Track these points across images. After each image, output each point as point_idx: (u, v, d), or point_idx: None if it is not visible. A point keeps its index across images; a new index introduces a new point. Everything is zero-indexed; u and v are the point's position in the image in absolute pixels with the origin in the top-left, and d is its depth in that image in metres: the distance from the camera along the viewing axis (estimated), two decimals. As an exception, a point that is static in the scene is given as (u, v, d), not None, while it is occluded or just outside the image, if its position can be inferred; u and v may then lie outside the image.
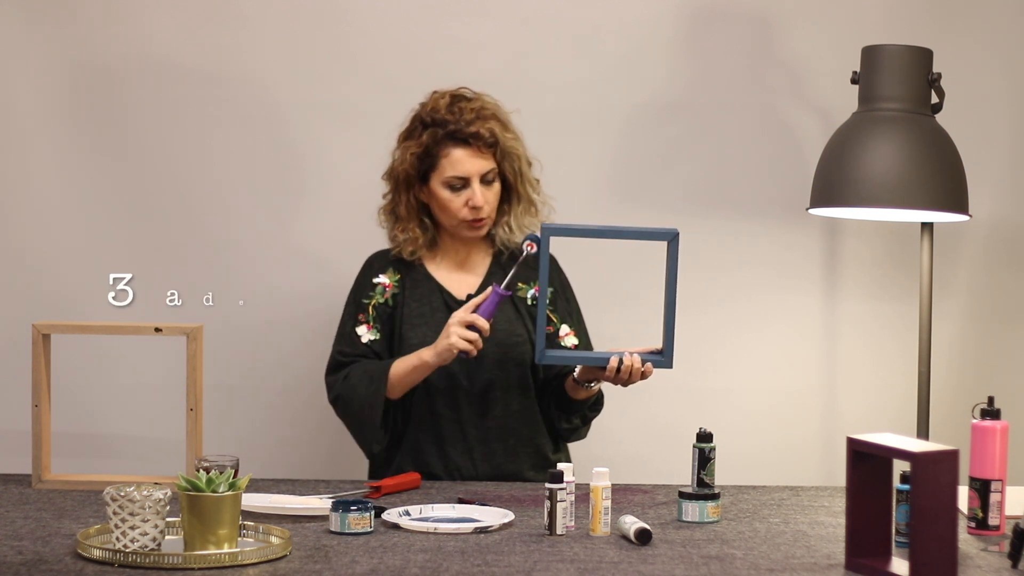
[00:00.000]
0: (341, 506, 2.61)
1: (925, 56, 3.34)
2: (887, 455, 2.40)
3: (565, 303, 3.29)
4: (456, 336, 3.03)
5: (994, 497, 2.67)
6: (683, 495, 2.78)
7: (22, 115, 3.70)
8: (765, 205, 3.79)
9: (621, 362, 3.01)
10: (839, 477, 3.15)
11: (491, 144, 3.17)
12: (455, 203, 3.17)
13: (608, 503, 2.64)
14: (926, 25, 3.71)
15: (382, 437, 3.17)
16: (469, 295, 3.22)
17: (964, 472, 2.57)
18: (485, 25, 3.74)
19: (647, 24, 3.76)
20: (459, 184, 3.17)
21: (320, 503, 2.77)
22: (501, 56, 3.72)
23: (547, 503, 2.62)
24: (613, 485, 2.76)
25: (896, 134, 3.29)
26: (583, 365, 3.10)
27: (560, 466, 2.64)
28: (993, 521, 2.67)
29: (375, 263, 3.28)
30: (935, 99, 3.37)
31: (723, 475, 3.02)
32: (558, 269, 3.32)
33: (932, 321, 3.54)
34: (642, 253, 3.24)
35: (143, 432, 3.73)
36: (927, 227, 3.50)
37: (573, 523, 2.67)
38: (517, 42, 3.74)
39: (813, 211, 3.43)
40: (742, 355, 3.82)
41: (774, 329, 3.82)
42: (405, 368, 3.12)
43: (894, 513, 2.52)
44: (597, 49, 3.76)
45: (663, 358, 3.02)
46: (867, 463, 2.43)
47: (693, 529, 2.71)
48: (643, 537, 2.57)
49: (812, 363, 3.83)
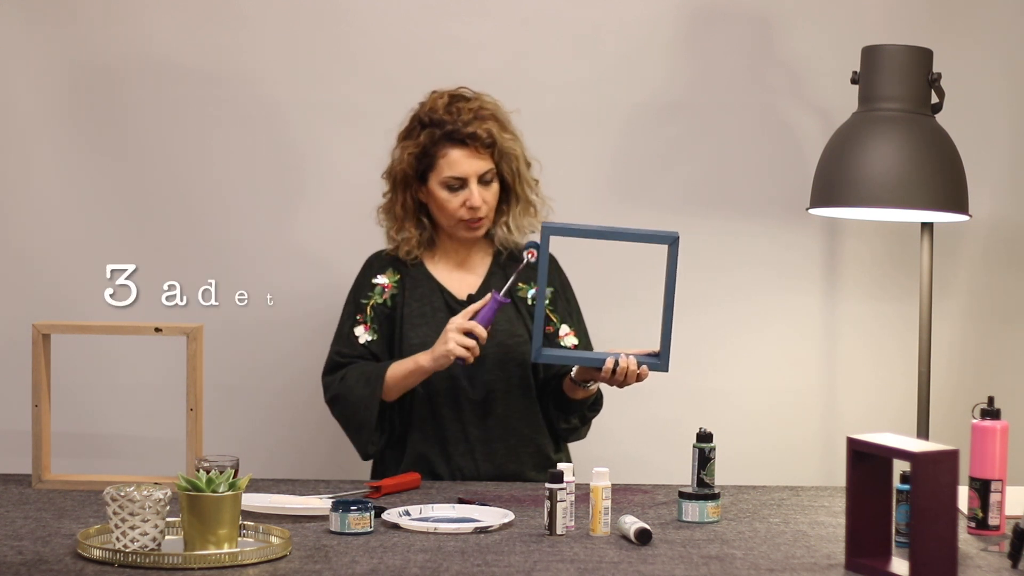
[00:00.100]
0: (341, 506, 2.61)
1: (925, 56, 3.34)
2: (887, 455, 2.40)
3: (565, 303, 3.29)
4: (454, 343, 3.03)
5: (994, 497, 2.67)
6: (683, 495, 2.78)
7: (22, 115, 3.70)
8: (765, 205, 3.79)
9: (617, 363, 3.01)
10: (839, 477, 3.15)
11: (489, 145, 3.17)
12: (453, 203, 3.17)
13: (608, 503, 2.64)
14: (926, 25, 3.71)
15: (377, 439, 3.17)
16: (470, 295, 3.22)
17: (964, 472, 2.57)
18: (485, 25, 3.74)
19: (647, 24, 3.76)
20: (457, 184, 3.17)
21: (320, 503, 2.77)
22: (501, 56, 3.72)
23: (547, 503, 2.62)
24: (613, 485, 2.76)
25: (896, 134, 3.28)
26: (580, 365, 3.10)
27: (560, 466, 2.64)
28: (993, 521, 2.67)
29: (374, 263, 3.28)
30: (935, 99, 3.37)
31: (723, 475, 3.02)
32: (558, 269, 3.32)
33: (932, 321, 3.54)
34: (641, 254, 3.24)
35: (143, 432, 3.73)
36: (927, 227, 3.50)
37: (573, 523, 2.67)
38: (517, 42, 3.74)
39: (813, 211, 3.43)
40: (742, 355, 3.82)
41: (774, 329, 3.82)
42: (402, 371, 3.12)
43: (894, 513, 2.52)
44: (597, 49, 3.76)
45: (659, 361, 3.02)
46: (867, 463, 2.43)
47: (693, 529, 2.71)
48: (643, 537, 2.57)
49: (812, 363, 3.83)
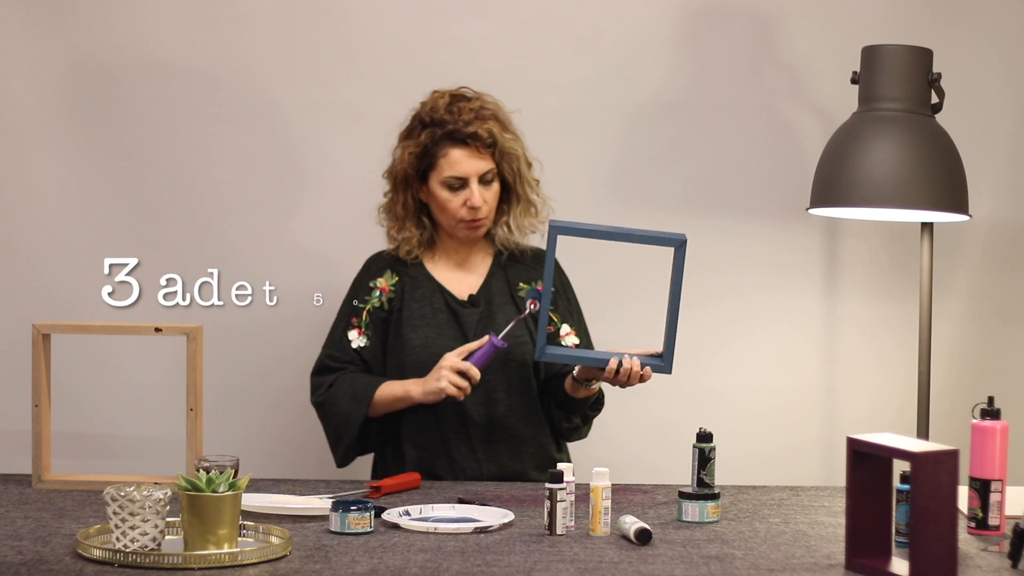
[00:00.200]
0: (341, 506, 2.61)
1: (925, 56, 3.34)
2: (887, 455, 2.40)
3: (566, 303, 3.29)
4: (446, 381, 3.05)
5: (994, 497, 2.67)
6: (683, 495, 2.78)
7: (22, 114, 3.70)
8: (765, 205, 3.79)
9: (620, 364, 3.01)
10: (839, 477, 3.16)
11: (489, 144, 3.17)
12: (453, 203, 3.17)
13: (608, 503, 2.64)
14: (926, 25, 3.71)
15: (351, 456, 3.21)
16: (471, 295, 3.22)
17: (964, 472, 2.57)
18: (485, 25, 3.74)
19: (647, 24, 3.76)
20: (457, 184, 3.17)
21: (320, 503, 2.77)
22: (501, 56, 3.72)
23: (547, 503, 2.62)
24: (613, 485, 2.76)
25: (896, 134, 3.28)
26: (583, 365, 3.10)
27: (560, 466, 2.64)
28: (993, 521, 2.67)
29: (373, 265, 3.28)
30: (935, 99, 3.37)
31: (723, 475, 3.02)
32: (559, 268, 3.32)
33: (932, 321, 3.54)
34: (645, 255, 3.24)
35: (143, 432, 3.74)
36: (927, 227, 3.50)
37: (573, 523, 2.67)
38: (517, 42, 3.75)
39: (813, 211, 3.43)
40: (742, 355, 3.82)
41: (774, 329, 3.82)
42: (390, 396, 3.14)
43: (894, 513, 2.52)
44: (597, 49, 3.76)
45: (663, 363, 3.01)
46: (867, 463, 2.43)
47: (693, 529, 2.71)
48: (643, 537, 2.57)
49: (812, 363, 3.83)
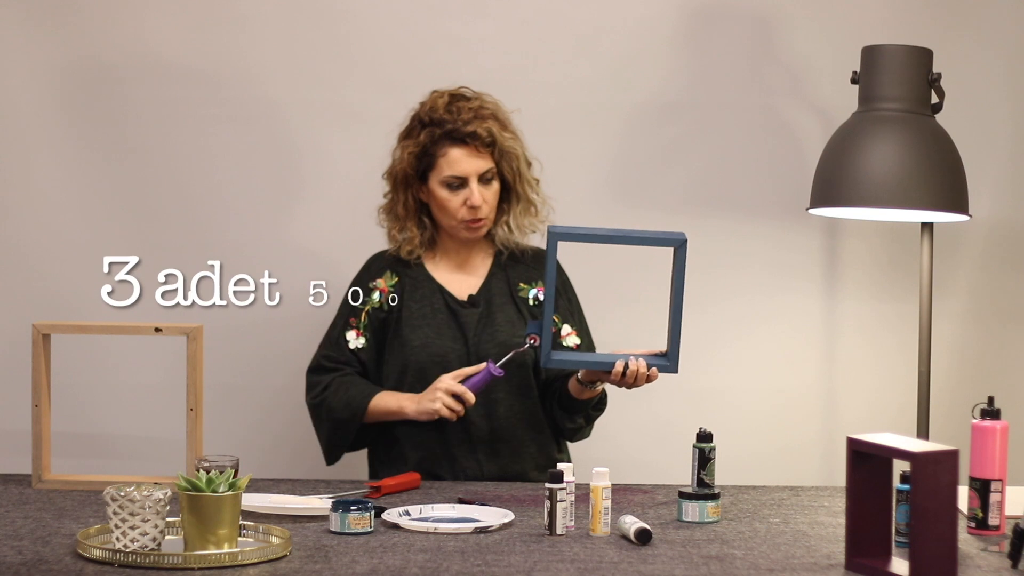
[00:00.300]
0: (341, 506, 2.61)
1: (925, 56, 3.34)
2: (887, 455, 2.40)
3: (567, 303, 3.29)
4: (441, 403, 3.06)
5: (994, 497, 2.67)
6: (683, 495, 2.78)
7: (22, 114, 3.70)
8: (765, 205, 3.79)
9: (627, 366, 3.00)
10: (839, 477, 3.15)
11: (489, 144, 3.17)
12: (453, 203, 3.17)
13: (608, 503, 2.64)
14: (926, 25, 3.71)
15: (340, 458, 3.24)
16: (470, 295, 3.22)
17: (964, 472, 2.57)
18: (485, 25, 3.74)
19: (647, 24, 3.76)
20: (457, 184, 3.17)
21: (320, 503, 2.77)
22: (501, 56, 3.72)
23: (547, 503, 2.62)
24: (613, 485, 2.76)
25: (896, 134, 3.29)
26: (588, 369, 3.10)
27: (560, 466, 2.64)
28: (993, 521, 2.67)
29: (373, 266, 3.28)
30: (935, 99, 3.37)
31: (723, 475, 3.02)
32: (559, 268, 3.31)
33: (932, 321, 3.54)
34: (646, 255, 3.24)
35: (143, 432, 3.74)
36: (927, 227, 3.50)
37: (573, 523, 2.67)
38: (517, 42, 3.75)
39: (813, 211, 3.43)
40: (742, 355, 3.82)
41: (774, 329, 3.82)
42: (384, 408, 3.15)
43: (894, 513, 2.52)
44: (597, 49, 3.76)
45: (668, 362, 3.01)
46: (867, 463, 2.43)
47: (693, 529, 2.71)
48: (643, 537, 2.57)
49: (812, 363, 3.83)
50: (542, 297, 3.23)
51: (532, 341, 3.02)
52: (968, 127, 3.60)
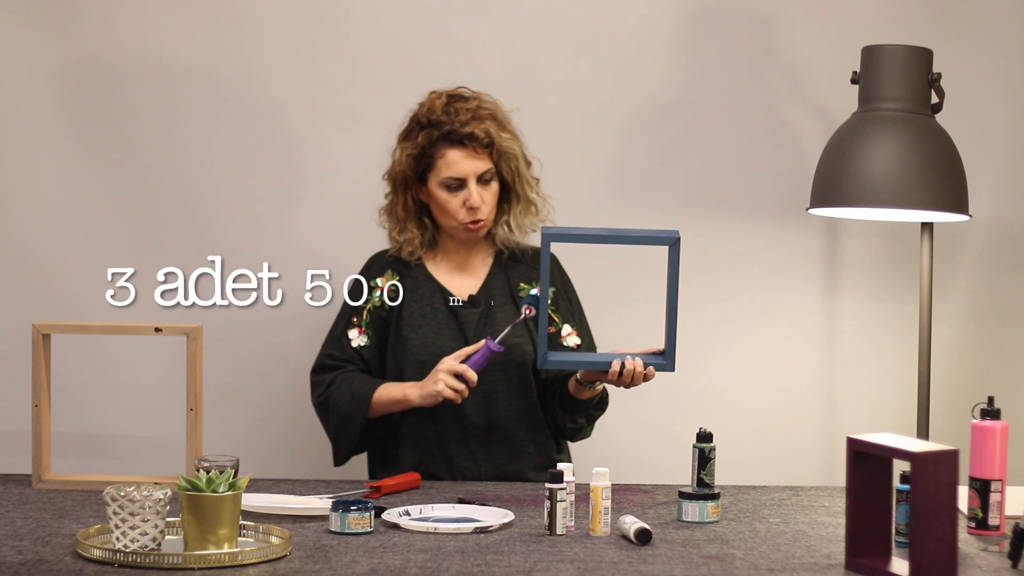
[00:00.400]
0: (341, 506, 2.61)
1: (925, 56, 3.34)
2: (887, 455, 2.40)
3: (567, 303, 3.29)
4: (443, 384, 3.05)
5: (994, 497, 2.67)
6: (683, 495, 2.78)
7: (22, 115, 3.70)
8: (765, 205, 3.79)
9: (624, 366, 3.01)
10: (839, 477, 3.15)
11: (487, 145, 3.17)
12: (452, 204, 3.17)
13: (608, 503, 2.64)
14: (926, 25, 3.71)
15: (350, 455, 3.22)
16: (471, 295, 3.22)
17: (964, 472, 2.57)
18: (485, 25, 3.74)
19: (647, 24, 3.76)
20: (455, 185, 3.17)
21: (320, 503, 2.77)
22: (501, 56, 3.72)
23: (547, 503, 2.62)
24: (613, 485, 2.76)
25: (896, 134, 3.28)
26: (585, 369, 3.10)
27: (560, 466, 2.64)
28: (993, 521, 2.67)
29: (374, 265, 3.28)
30: (935, 99, 3.37)
31: (723, 475, 3.02)
32: (560, 268, 3.32)
33: (932, 321, 3.54)
34: (644, 254, 3.24)
35: (143, 432, 3.74)
36: (927, 227, 3.50)
37: (573, 523, 2.67)
38: (517, 42, 3.75)
39: (813, 211, 3.43)
40: (742, 355, 3.82)
41: (774, 329, 3.82)
42: (388, 398, 3.14)
43: (894, 513, 2.52)
44: (597, 49, 3.76)
45: (665, 361, 3.02)
46: (867, 463, 2.43)
47: (693, 529, 2.71)
48: (643, 537, 2.57)
49: (812, 363, 3.83)
50: (542, 297, 3.23)
51: (528, 311, 3.02)
52: (968, 127, 3.60)
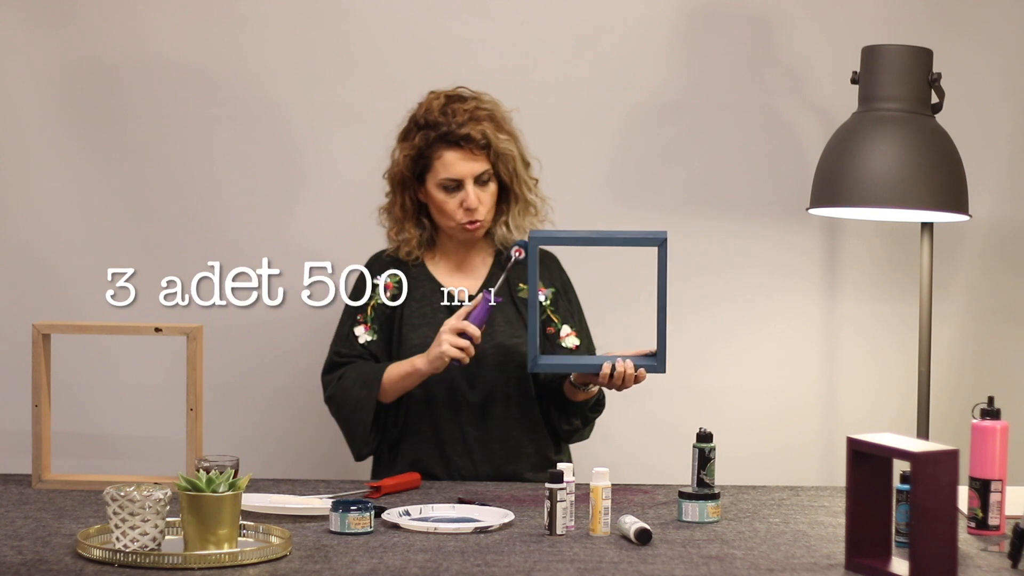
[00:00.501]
0: (341, 506, 2.61)
1: (925, 56, 3.34)
2: (887, 455, 2.40)
3: (567, 304, 3.29)
4: (447, 344, 3.04)
5: (994, 497, 2.67)
6: (683, 495, 2.78)
7: (22, 115, 3.70)
8: (765, 205, 3.79)
9: (614, 368, 3.00)
10: (839, 477, 3.15)
11: (484, 146, 3.16)
12: (450, 204, 3.17)
13: (608, 503, 2.64)
14: (926, 25, 3.71)
15: (371, 440, 3.18)
16: (471, 296, 3.22)
17: (964, 472, 2.57)
18: (485, 25, 3.74)
19: (647, 24, 3.76)
20: (452, 186, 3.17)
21: (320, 503, 2.78)
22: (501, 56, 3.72)
23: (547, 503, 2.62)
24: (613, 485, 2.76)
25: (896, 134, 3.28)
26: (576, 372, 3.10)
27: (560, 466, 2.64)
28: (993, 521, 2.67)
29: (373, 265, 3.28)
30: (935, 99, 3.37)
31: (723, 475, 3.02)
32: (560, 269, 3.32)
33: (932, 321, 3.53)
34: (643, 254, 3.24)
35: (143, 432, 3.74)
36: (927, 227, 3.50)
37: (573, 523, 2.67)
38: (517, 42, 3.75)
39: (813, 211, 3.43)
40: (742, 355, 3.82)
41: (774, 329, 3.82)
42: (398, 374, 3.13)
43: (894, 513, 2.52)
44: (597, 49, 3.76)
45: (656, 363, 3.01)
46: (867, 463, 2.43)
47: (693, 529, 2.71)
48: (643, 537, 2.57)
49: (812, 363, 3.83)
50: (541, 297, 3.23)
51: (518, 254, 3.02)
52: (968, 127, 3.60)
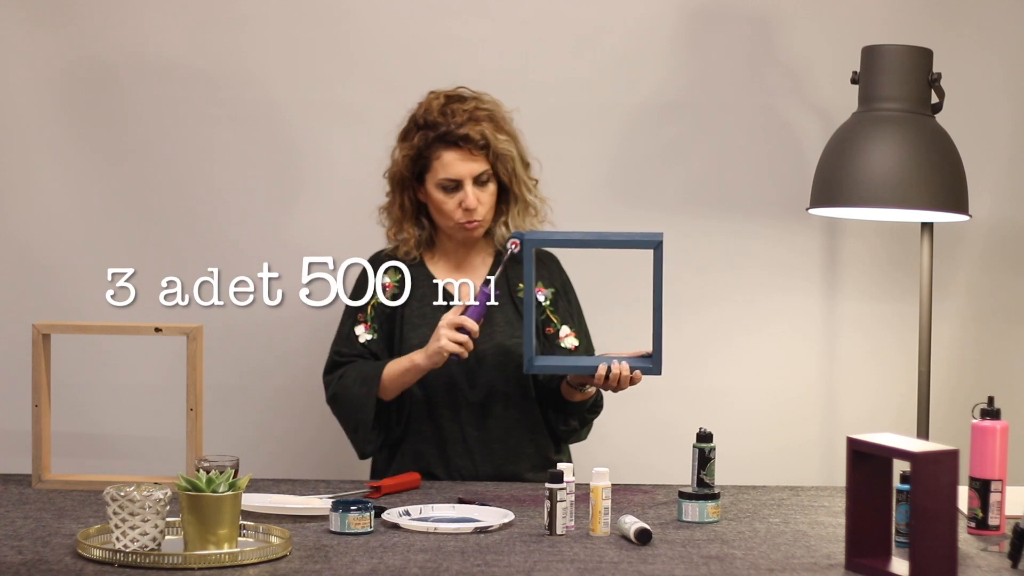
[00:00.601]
0: (341, 506, 2.61)
1: (925, 56, 3.34)
2: (887, 455, 2.40)
3: (566, 304, 3.29)
4: (446, 339, 3.04)
5: (994, 497, 2.67)
6: (683, 495, 2.78)
7: (22, 115, 3.70)
8: (765, 205, 3.79)
9: (610, 370, 3.00)
10: (839, 477, 3.15)
11: (483, 147, 3.16)
12: (449, 205, 3.17)
13: (608, 503, 2.64)
14: (926, 25, 3.71)
15: (374, 438, 3.18)
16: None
17: (964, 472, 2.57)
18: (485, 25, 3.74)
19: (647, 24, 3.76)
20: (451, 186, 3.17)
21: (320, 503, 2.78)
22: (501, 56, 3.72)
23: (547, 503, 2.62)
24: (613, 485, 2.76)
25: (896, 134, 3.28)
26: (572, 374, 3.10)
27: (560, 466, 2.64)
28: (993, 521, 2.67)
29: (375, 264, 3.28)
30: (935, 99, 3.37)
31: (723, 475, 3.02)
32: (560, 269, 3.32)
33: (932, 321, 3.53)
34: (639, 254, 3.24)
35: (143, 432, 3.74)
36: (927, 227, 3.50)
37: (573, 523, 2.67)
38: (517, 42, 3.74)
39: (813, 211, 3.43)
40: (742, 355, 3.82)
41: (774, 329, 3.82)
42: (398, 370, 3.13)
43: (894, 513, 2.52)
44: (597, 49, 3.75)
45: (652, 364, 3.01)
46: (867, 463, 2.43)
47: (693, 529, 2.71)
48: (643, 537, 2.57)
49: (812, 363, 3.83)
50: (541, 297, 3.23)
51: (513, 246, 3.01)
52: (968, 127, 3.60)
